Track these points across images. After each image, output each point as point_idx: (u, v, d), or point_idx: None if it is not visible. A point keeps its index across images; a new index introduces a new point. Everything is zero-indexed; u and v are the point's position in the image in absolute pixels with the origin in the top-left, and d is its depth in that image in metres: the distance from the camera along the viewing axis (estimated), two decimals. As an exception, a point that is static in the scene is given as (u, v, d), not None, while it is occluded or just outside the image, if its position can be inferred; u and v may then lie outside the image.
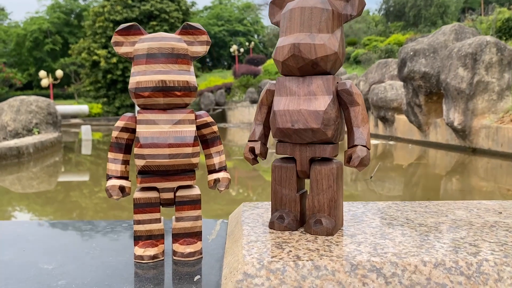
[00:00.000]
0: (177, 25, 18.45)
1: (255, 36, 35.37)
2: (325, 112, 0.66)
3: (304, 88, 0.69)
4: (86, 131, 8.55)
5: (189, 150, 0.69)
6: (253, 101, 14.62)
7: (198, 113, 0.73)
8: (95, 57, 20.60)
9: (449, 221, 0.75)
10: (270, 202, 0.74)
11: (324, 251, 0.60)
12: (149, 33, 0.71)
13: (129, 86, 0.69)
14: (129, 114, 0.71)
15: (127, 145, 0.71)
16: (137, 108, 0.73)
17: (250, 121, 12.21)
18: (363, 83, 8.04)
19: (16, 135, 6.16)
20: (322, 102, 0.67)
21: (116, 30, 0.71)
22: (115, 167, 0.70)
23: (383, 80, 7.73)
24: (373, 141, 6.75)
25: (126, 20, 19.47)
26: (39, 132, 6.28)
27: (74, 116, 14.19)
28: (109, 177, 0.70)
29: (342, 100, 0.69)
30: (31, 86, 29.73)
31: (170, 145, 0.68)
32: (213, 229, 0.88)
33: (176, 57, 0.69)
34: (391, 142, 6.74)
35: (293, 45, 0.66)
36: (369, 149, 0.67)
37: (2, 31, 31.92)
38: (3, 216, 2.88)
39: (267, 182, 3.85)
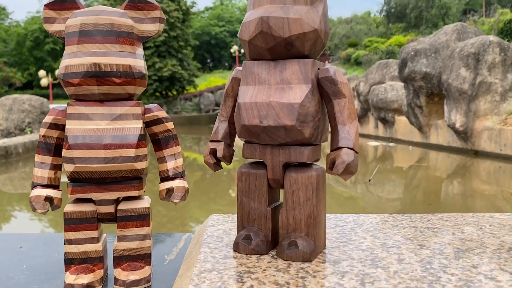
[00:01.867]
0: (177, 25, 18.27)
1: (256, 37, 35.15)
2: (301, 106, 0.52)
3: (276, 75, 0.54)
4: None
5: (131, 152, 0.55)
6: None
7: (148, 106, 0.59)
8: (94, 57, 20.48)
9: (457, 242, 0.61)
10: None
11: (296, 286, 0.46)
12: None
13: (57, 72, 0.56)
14: (60, 107, 0.57)
15: (57, 146, 0.57)
16: None
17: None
18: (363, 84, 7.89)
19: (8, 134, 6.01)
20: (298, 93, 0.53)
21: (45, 3, 0.57)
22: (41, 173, 0.56)
23: (384, 81, 7.58)
24: (373, 143, 6.60)
25: None
26: (31, 132, 6.13)
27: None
28: (34, 186, 0.56)
29: (324, 91, 0.54)
30: (31, 85, 29.60)
31: (106, 146, 0.54)
32: (175, 247, 0.74)
33: (116, 36, 0.55)
34: (391, 144, 6.58)
35: (261, 19, 0.52)
36: (357, 153, 0.53)
37: (3, 31, 31.84)
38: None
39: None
